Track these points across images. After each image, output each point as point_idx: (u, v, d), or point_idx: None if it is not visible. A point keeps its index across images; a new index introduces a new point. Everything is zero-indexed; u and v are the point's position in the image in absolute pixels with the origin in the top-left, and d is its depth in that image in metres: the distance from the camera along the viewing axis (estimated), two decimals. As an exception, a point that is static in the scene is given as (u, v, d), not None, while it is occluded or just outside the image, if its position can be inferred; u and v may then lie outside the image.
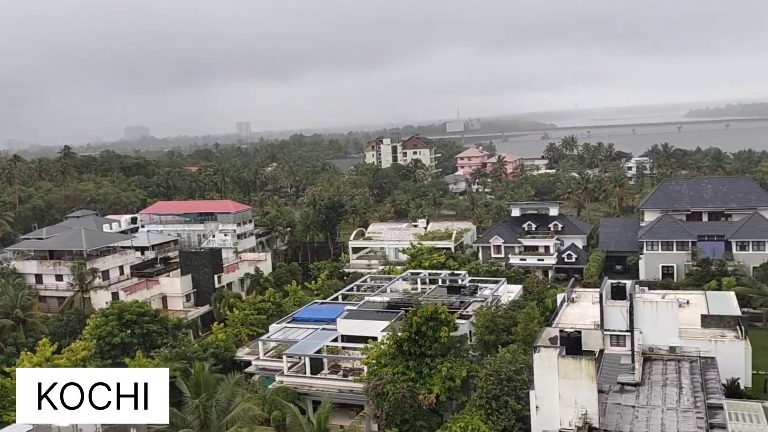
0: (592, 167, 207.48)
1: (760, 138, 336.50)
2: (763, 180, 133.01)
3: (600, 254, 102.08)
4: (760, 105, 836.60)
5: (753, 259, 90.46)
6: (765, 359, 66.40)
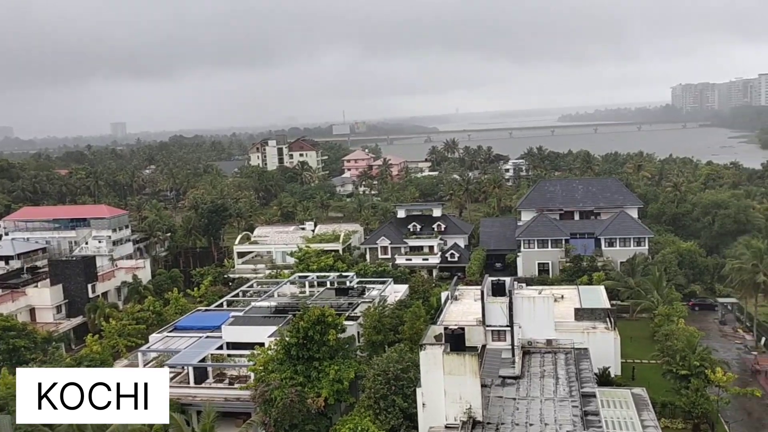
0: (473, 169, 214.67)
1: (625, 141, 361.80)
2: (628, 180, 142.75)
3: (481, 253, 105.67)
4: (625, 110, 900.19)
5: (620, 254, 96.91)
6: (632, 348, 71.30)
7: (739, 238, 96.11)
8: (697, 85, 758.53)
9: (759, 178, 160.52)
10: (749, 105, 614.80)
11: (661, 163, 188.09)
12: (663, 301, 76.54)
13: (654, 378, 62.55)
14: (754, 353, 73.10)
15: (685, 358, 58.46)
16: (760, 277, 74.87)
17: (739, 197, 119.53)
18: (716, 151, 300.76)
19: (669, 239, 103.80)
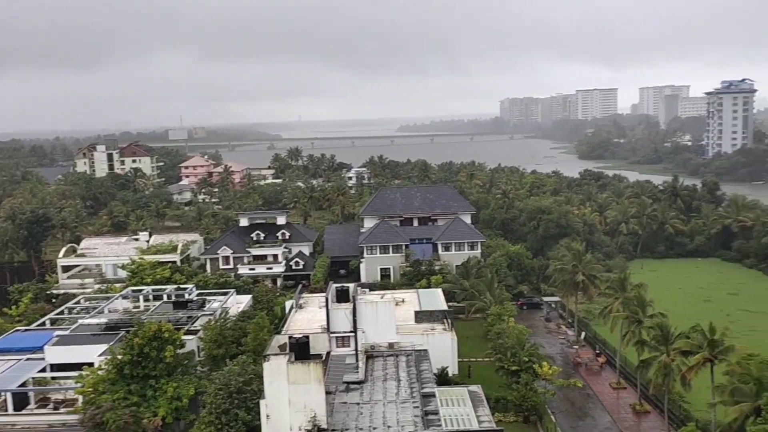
0: (317, 177, 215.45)
1: (459, 151, 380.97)
2: (462, 188, 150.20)
3: (325, 260, 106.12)
4: (459, 122, 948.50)
5: (456, 258, 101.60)
6: (467, 347, 74.87)
7: (561, 241, 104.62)
8: (522, 99, 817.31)
9: (577, 185, 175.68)
10: (568, 119, 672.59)
11: (491, 172, 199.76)
12: (495, 301, 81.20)
13: (488, 375, 66.11)
14: (575, 347, 79.72)
15: (516, 354, 62.39)
16: (579, 277, 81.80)
17: (560, 203, 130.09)
18: (540, 161, 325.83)
19: (499, 243, 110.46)
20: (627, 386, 68.35)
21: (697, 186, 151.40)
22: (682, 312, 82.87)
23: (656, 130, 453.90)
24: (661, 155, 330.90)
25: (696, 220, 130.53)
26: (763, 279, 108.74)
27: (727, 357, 53.28)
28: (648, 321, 62.75)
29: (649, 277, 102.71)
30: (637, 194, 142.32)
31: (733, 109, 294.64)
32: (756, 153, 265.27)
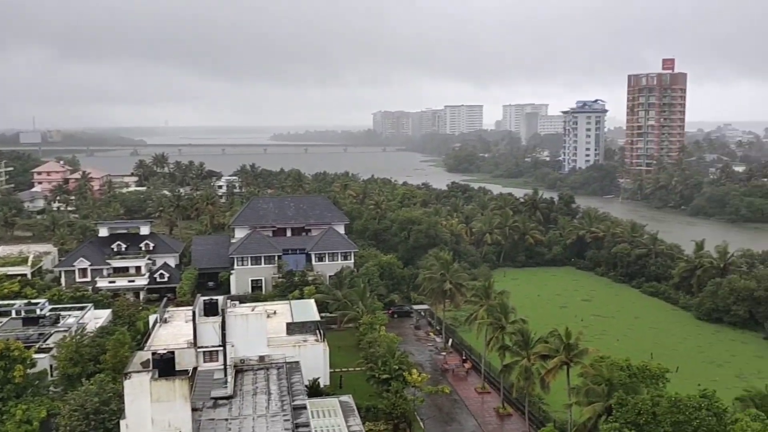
0: (184, 185, 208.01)
1: (333, 161, 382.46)
2: (336, 199, 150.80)
3: (193, 272, 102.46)
4: (333, 132, 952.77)
5: (329, 268, 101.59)
6: (340, 358, 74.94)
7: (430, 250, 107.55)
8: (394, 113, 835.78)
9: (445, 197, 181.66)
10: (437, 133, 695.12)
11: (364, 183, 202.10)
12: (367, 310, 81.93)
13: (359, 384, 66.46)
14: (443, 354, 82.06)
15: (386, 363, 63.18)
16: (446, 285, 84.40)
17: (430, 214, 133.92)
18: (411, 173, 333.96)
19: (372, 253, 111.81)
20: (491, 390, 71.21)
21: (554, 199, 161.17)
22: (541, 317, 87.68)
23: (518, 146, 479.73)
24: (522, 169, 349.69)
25: (553, 231, 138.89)
26: (613, 285, 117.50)
27: (581, 360, 56.94)
28: (510, 327, 65.78)
29: (510, 284, 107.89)
30: (500, 206, 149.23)
31: (586, 128, 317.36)
32: (607, 169, 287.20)
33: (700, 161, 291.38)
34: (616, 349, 75.62)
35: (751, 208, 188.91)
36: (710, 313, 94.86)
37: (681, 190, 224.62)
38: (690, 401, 43.96)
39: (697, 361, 79.79)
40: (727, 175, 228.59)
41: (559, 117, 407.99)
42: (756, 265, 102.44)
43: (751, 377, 72.30)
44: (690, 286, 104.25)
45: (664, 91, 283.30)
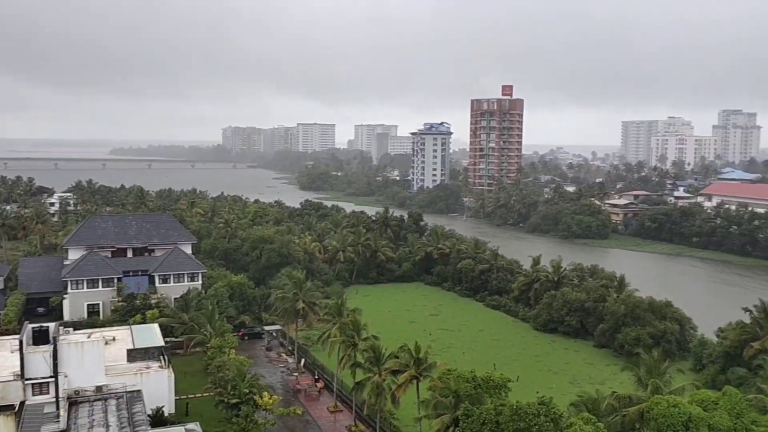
0: (11, 202, 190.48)
1: (179, 178, 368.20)
2: (182, 217, 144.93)
3: (20, 297, 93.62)
4: (179, 147, 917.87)
5: (174, 290, 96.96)
6: (186, 384, 71.49)
7: (282, 269, 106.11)
8: (245, 129, 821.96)
9: (298, 215, 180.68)
10: (290, 150, 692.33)
11: (213, 201, 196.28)
12: (216, 333, 78.97)
13: (208, 410, 63.74)
14: (295, 374, 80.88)
15: (236, 387, 61.12)
16: (299, 304, 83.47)
17: (282, 233, 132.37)
18: (263, 191, 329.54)
19: (221, 273, 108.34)
20: (344, 408, 71.08)
21: (404, 217, 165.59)
22: (392, 333, 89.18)
23: (370, 165, 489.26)
24: (373, 188, 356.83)
25: (403, 248, 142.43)
26: (458, 300, 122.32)
27: (430, 373, 58.40)
28: (362, 344, 66.17)
29: (363, 301, 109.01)
30: (353, 224, 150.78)
31: (433, 149, 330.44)
32: (452, 188, 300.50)
33: (536, 182, 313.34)
34: (462, 362, 78.48)
35: (580, 225, 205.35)
36: (546, 323, 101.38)
37: (519, 209, 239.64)
38: (530, 408, 46.40)
39: (535, 369, 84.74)
40: (559, 194, 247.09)
41: (408, 138, 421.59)
42: (586, 278, 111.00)
43: (583, 383, 77.95)
44: (528, 299, 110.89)
45: (503, 115, 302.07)
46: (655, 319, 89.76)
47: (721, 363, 78.21)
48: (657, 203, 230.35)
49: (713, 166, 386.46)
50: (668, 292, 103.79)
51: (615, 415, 50.41)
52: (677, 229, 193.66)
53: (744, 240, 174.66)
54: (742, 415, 47.80)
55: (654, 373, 53.80)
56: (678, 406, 47.22)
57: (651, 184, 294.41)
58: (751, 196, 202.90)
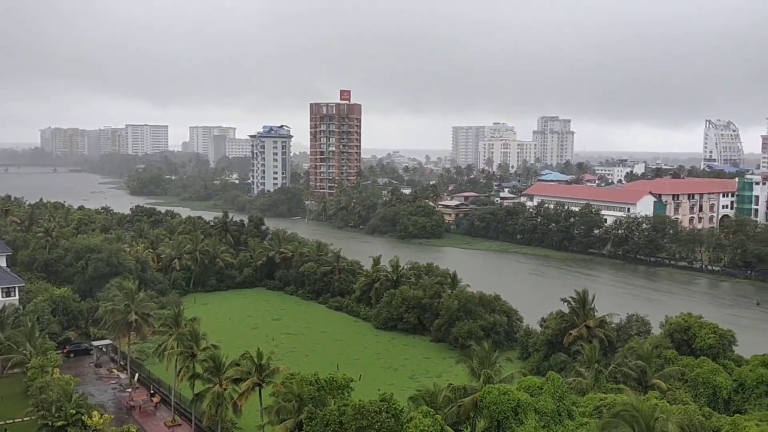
0: None
1: None
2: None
3: None
4: None
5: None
6: (4, 408, 65.29)
7: (112, 280, 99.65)
8: (67, 130, 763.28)
9: (129, 222, 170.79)
10: (118, 153, 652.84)
11: (31, 208, 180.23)
12: (37, 352, 72.59)
13: (29, 437, 58.42)
14: (128, 390, 76.32)
15: (62, 408, 56.61)
16: (132, 317, 78.86)
17: (111, 241, 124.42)
18: (88, 196, 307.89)
19: (42, 286, 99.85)
20: (182, 422, 68.25)
21: (244, 221, 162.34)
22: (233, 341, 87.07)
23: (206, 168, 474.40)
24: (211, 192, 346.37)
25: (244, 253, 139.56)
26: (301, 303, 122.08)
27: (273, 379, 57.73)
28: (202, 354, 64.01)
29: (202, 310, 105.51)
30: (189, 230, 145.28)
31: (273, 152, 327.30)
32: (293, 191, 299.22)
33: (375, 184, 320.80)
34: (305, 365, 78.40)
35: (416, 225, 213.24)
36: (386, 321, 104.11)
37: (359, 211, 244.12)
38: (371, 406, 47.38)
39: (377, 367, 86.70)
40: (396, 197, 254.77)
41: (247, 140, 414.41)
42: (422, 276, 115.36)
43: (421, 377, 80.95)
44: (369, 299, 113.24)
45: (342, 119, 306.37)
46: (485, 313, 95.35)
47: (545, 350, 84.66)
48: (485, 203, 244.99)
49: (534, 169, 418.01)
50: (496, 286, 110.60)
51: (451, 406, 52.81)
52: (503, 228, 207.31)
53: (561, 236, 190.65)
54: (563, 398, 52.08)
55: (485, 364, 57.06)
56: (507, 393, 50.49)
57: (479, 185, 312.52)
58: (566, 195, 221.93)
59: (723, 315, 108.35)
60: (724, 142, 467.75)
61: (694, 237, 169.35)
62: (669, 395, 58.40)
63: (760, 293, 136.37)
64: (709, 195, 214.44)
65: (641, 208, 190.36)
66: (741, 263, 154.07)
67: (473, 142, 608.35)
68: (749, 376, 63.30)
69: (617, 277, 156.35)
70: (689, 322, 73.49)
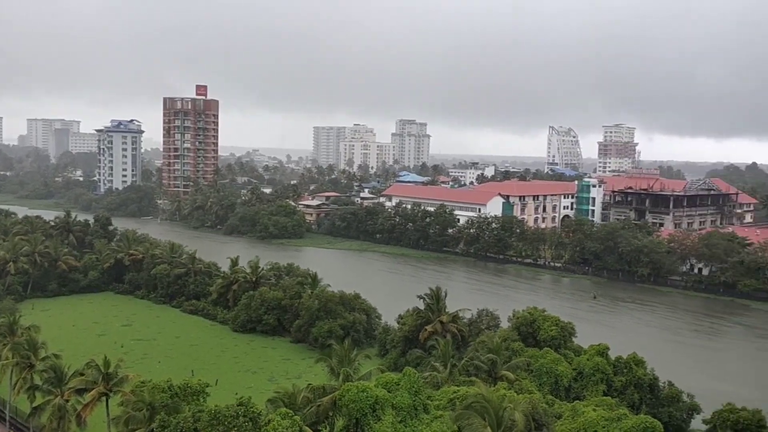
0: None
1: None
2: None
3: None
4: None
5: None
6: None
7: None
8: None
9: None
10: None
11: None
12: None
13: None
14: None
15: None
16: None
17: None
18: None
19: None
20: (19, 439, 62.88)
21: (90, 221, 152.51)
22: (77, 349, 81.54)
23: (47, 164, 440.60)
24: (52, 190, 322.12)
25: (90, 256, 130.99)
26: (153, 307, 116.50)
27: (122, 388, 54.62)
28: (41, 364, 59.40)
29: (41, 317, 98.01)
30: (27, 231, 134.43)
31: (123, 147, 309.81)
32: (145, 190, 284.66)
33: (233, 183, 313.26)
34: (158, 372, 74.97)
35: (277, 225, 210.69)
36: (245, 324, 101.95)
37: (217, 211, 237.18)
38: (228, 411, 46.14)
39: (234, 371, 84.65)
40: (257, 196, 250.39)
41: (94, 135, 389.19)
42: (282, 277, 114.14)
43: (280, 379, 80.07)
44: (227, 301, 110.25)
45: (198, 115, 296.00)
46: (345, 312, 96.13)
47: (402, 347, 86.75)
48: (346, 203, 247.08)
49: (392, 170, 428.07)
50: (357, 285, 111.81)
51: (310, 406, 52.67)
52: (363, 227, 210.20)
53: (418, 235, 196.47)
54: (419, 392, 53.56)
55: (345, 362, 57.49)
56: (366, 390, 51.13)
57: (340, 185, 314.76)
58: (423, 196, 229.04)
59: (564, 308, 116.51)
60: (566, 147, 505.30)
61: (538, 236, 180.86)
62: (516, 385, 61.84)
63: (596, 288, 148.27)
64: (552, 196, 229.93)
65: (491, 209, 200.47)
66: (579, 260, 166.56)
67: (334, 143, 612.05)
68: (587, 364, 68.54)
69: (469, 274, 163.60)
70: (534, 316, 78.18)
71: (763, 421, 57.64)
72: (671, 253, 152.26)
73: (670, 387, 69.35)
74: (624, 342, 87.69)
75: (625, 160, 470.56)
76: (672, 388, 69.06)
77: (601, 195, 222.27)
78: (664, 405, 67.20)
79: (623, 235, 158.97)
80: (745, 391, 77.39)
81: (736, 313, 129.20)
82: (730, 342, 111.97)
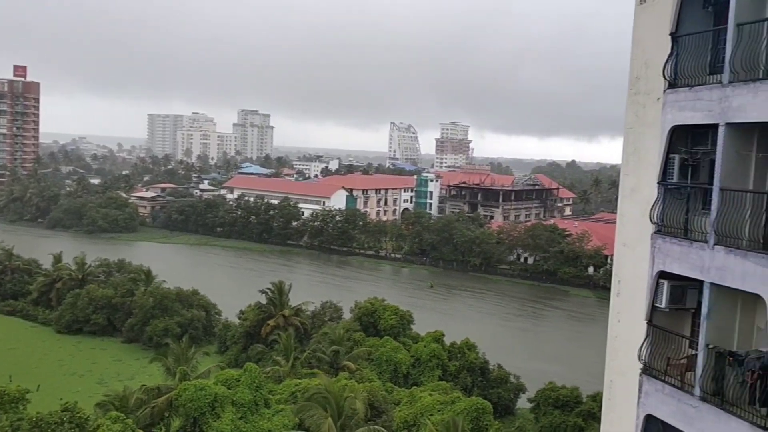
0: None
1: None
2: None
3: None
4: None
5: None
6: None
7: None
8: None
9: None
10: None
11: None
12: None
13: None
14: None
15: None
16: None
17: None
18: None
19: None
20: None
21: None
22: None
23: None
24: None
25: None
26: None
27: None
28: None
29: None
30: None
31: None
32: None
33: (57, 173, 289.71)
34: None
35: (107, 219, 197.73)
36: (71, 325, 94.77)
37: (37, 203, 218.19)
38: (51, 418, 42.78)
39: (59, 375, 78.57)
40: (83, 187, 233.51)
41: None
42: (113, 273, 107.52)
43: (111, 381, 75.35)
44: (50, 301, 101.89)
45: (16, 98, 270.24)
46: (182, 309, 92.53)
47: (243, 342, 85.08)
48: (184, 195, 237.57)
49: (234, 161, 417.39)
50: (195, 281, 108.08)
51: (144, 408, 50.18)
52: (203, 221, 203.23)
53: (261, 228, 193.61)
54: (260, 387, 52.85)
55: (182, 361, 55.39)
56: (204, 388, 49.61)
57: (178, 176, 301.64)
58: (266, 189, 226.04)
59: (403, 297, 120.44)
60: (406, 143, 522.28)
61: (380, 228, 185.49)
62: (357, 375, 63.03)
63: (433, 277, 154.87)
64: (393, 190, 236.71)
65: (335, 202, 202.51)
66: (418, 251, 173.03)
67: (171, 132, 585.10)
68: (423, 351, 71.36)
69: (313, 267, 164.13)
70: (375, 306, 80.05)
71: (580, 398, 63.27)
72: (500, 243, 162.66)
73: (498, 369, 74.05)
74: (458, 328, 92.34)
75: (460, 156, 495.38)
76: (500, 371, 73.79)
77: (438, 189, 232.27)
78: (493, 386, 71.63)
79: (458, 227, 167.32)
80: (564, 369, 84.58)
81: (557, 298, 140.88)
82: (551, 325, 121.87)
